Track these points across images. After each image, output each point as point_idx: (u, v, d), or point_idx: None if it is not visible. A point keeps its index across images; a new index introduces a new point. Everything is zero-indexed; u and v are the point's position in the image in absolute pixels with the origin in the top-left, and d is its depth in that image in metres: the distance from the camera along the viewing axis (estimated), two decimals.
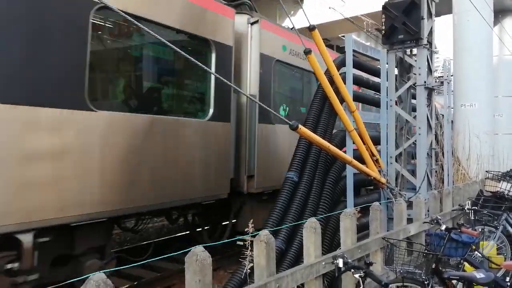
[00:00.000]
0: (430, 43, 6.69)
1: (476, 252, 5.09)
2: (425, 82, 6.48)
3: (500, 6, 14.04)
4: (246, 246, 3.71)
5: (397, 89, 6.77)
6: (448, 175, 7.40)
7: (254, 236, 3.31)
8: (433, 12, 6.78)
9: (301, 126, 4.56)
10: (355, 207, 5.23)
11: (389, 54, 6.73)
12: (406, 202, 5.54)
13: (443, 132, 7.93)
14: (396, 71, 6.90)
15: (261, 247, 3.22)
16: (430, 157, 6.75)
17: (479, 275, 3.73)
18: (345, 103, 5.92)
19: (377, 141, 6.51)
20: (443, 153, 7.71)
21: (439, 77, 8.10)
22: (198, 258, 2.61)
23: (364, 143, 5.89)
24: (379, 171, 6.06)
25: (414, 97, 6.90)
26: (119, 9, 3.46)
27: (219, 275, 6.95)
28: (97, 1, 4.65)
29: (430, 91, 6.72)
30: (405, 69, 7.03)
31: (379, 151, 6.36)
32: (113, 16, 5.21)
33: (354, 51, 6.19)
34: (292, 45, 8.30)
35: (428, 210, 6.11)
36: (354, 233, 4.28)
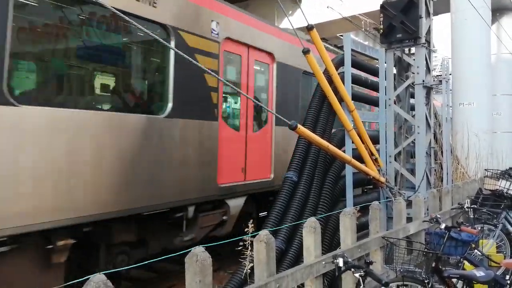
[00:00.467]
0: (428, 42, 6.70)
1: (476, 251, 5.10)
2: (423, 81, 6.50)
3: (497, 4, 14.06)
4: (246, 246, 3.72)
5: (395, 88, 6.77)
6: (447, 174, 7.39)
7: (254, 236, 3.31)
8: (431, 11, 6.79)
9: (300, 126, 4.56)
10: (354, 206, 5.24)
11: (387, 53, 6.74)
12: (406, 201, 5.54)
13: (442, 131, 7.93)
14: (395, 70, 6.91)
15: (261, 247, 3.22)
16: (429, 156, 6.76)
17: (479, 273, 3.74)
18: (344, 103, 5.92)
19: (376, 140, 6.52)
20: (442, 152, 7.71)
21: (437, 76, 8.08)
22: (198, 259, 2.60)
23: (363, 142, 5.89)
24: (378, 170, 6.07)
25: (412, 96, 6.90)
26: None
27: (219, 275, 6.94)
28: None
29: (429, 90, 6.73)
30: (403, 68, 7.04)
31: (378, 150, 6.36)
32: None
33: (352, 50, 6.20)
34: None
35: (427, 209, 6.12)
36: (354, 232, 4.28)
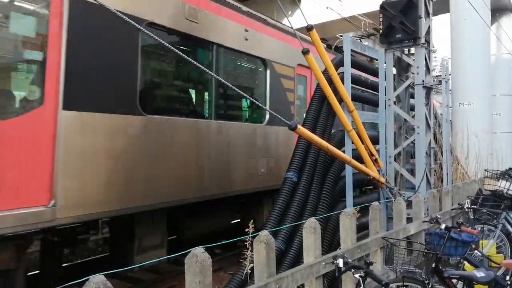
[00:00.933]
0: (428, 42, 6.69)
1: (476, 251, 5.09)
2: (423, 81, 6.49)
3: (497, 4, 14.08)
4: (246, 246, 3.71)
5: (395, 89, 6.77)
6: (447, 174, 7.39)
7: (254, 237, 3.31)
8: (431, 11, 6.79)
9: (299, 126, 4.56)
10: (354, 206, 5.23)
11: (387, 54, 6.73)
12: (406, 201, 5.53)
13: (441, 131, 7.93)
14: (394, 71, 6.91)
15: (261, 247, 3.21)
16: (429, 156, 6.75)
17: (479, 274, 3.73)
18: (344, 103, 5.92)
19: (376, 140, 6.51)
20: (441, 152, 7.71)
21: (437, 76, 8.10)
22: (198, 259, 2.60)
23: (363, 143, 5.88)
24: (378, 170, 6.06)
25: (412, 96, 6.90)
26: None
27: (219, 276, 6.93)
28: None
29: (428, 90, 6.73)
30: (403, 68, 7.04)
31: (378, 150, 6.35)
32: None
33: (352, 50, 6.19)
34: None
35: (427, 209, 6.11)
36: (354, 232, 4.28)
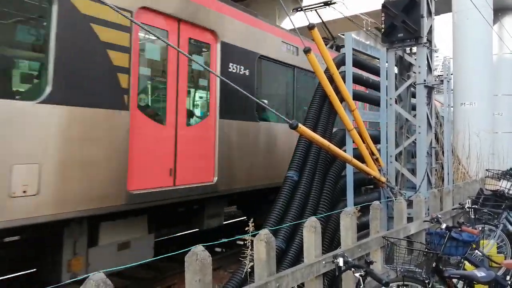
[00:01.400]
0: (429, 41, 6.68)
1: (477, 251, 5.09)
2: (425, 80, 6.48)
3: (499, 4, 14.01)
4: (246, 245, 3.71)
5: (397, 88, 6.76)
6: (448, 174, 7.38)
7: (255, 236, 3.31)
8: (433, 10, 6.77)
9: (301, 125, 4.55)
10: (355, 206, 5.23)
11: (388, 53, 6.72)
12: (406, 201, 5.53)
13: (443, 131, 7.92)
14: (396, 70, 6.89)
15: (261, 246, 3.21)
16: (430, 155, 6.74)
17: (479, 273, 3.73)
18: (345, 102, 5.91)
19: (377, 140, 6.50)
20: (443, 152, 7.70)
21: (438, 75, 8.08)
22: (198, 258, 2.60)
23: (364, 142, 5.88)
24: (379, 170, 6.06)
25: (414, 95, 6.89)
26: None
27: (219, 274, 6.94)
28: None
29: (430, 89, 6.71)
30: (405, 67, 7.02)
31: (379, 150, 6.35)
32: None
33: (353, 49, 6.18)
34: None
35: (428, 209, 6.11)
36: (354, 232, 4.27)
